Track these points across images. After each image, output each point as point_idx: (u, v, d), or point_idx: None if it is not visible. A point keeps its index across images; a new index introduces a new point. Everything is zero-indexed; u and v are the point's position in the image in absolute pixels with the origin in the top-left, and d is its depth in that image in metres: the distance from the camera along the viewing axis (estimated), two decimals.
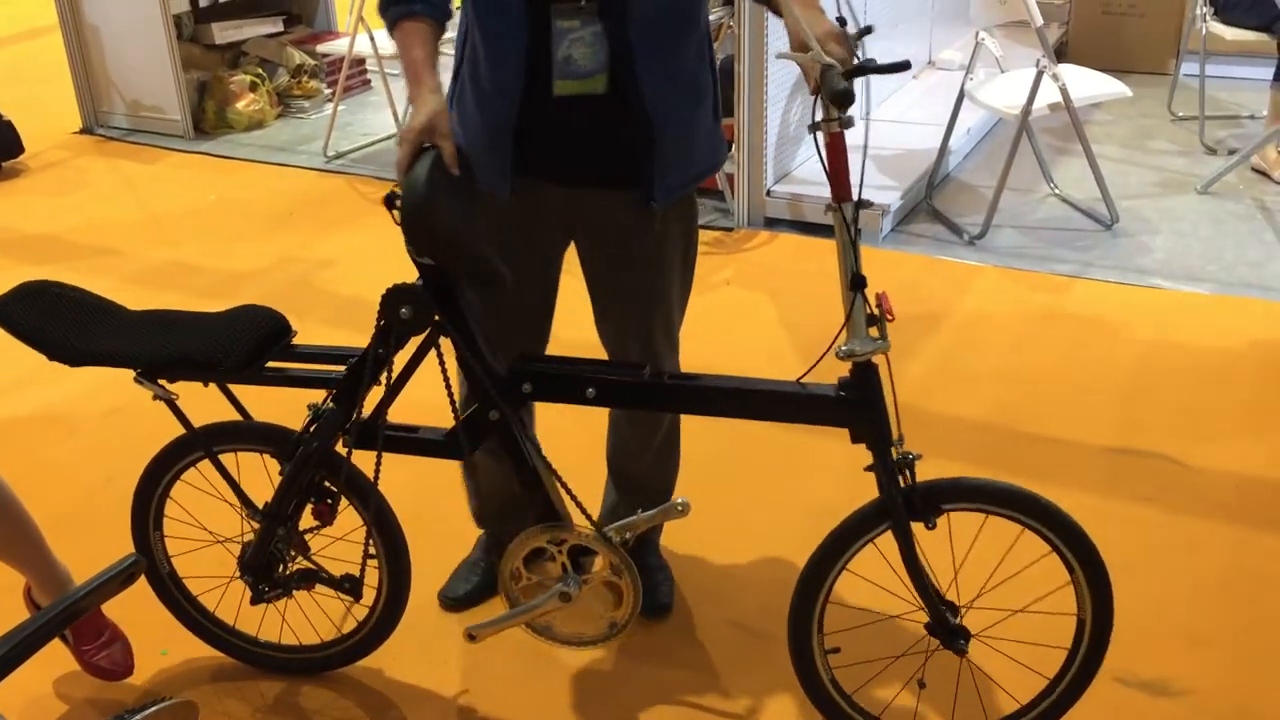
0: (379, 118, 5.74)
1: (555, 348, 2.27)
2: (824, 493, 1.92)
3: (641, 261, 2.16)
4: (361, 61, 6.01)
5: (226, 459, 2.17)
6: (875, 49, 5.09)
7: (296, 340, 2.09)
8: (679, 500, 1.98)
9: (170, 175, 5.19)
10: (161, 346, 2.01)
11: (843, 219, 1.83)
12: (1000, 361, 3.43)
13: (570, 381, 1.95)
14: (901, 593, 2.04)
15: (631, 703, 2.26)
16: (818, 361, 1.90)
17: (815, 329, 3.61)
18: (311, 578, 2.20)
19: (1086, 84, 4.30)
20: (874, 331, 1.85)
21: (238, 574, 2.20)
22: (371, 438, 2.04)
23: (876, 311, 1.84)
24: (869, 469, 1.92)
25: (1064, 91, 4.13)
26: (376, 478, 2.07)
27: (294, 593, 2.22)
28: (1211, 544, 2.64)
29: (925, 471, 1.91)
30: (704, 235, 4.34)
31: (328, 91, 6.00)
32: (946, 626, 1.97)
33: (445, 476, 2.52)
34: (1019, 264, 4.05)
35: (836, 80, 1.72)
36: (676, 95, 2.02)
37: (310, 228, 4.53)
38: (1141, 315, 3.67)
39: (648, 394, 1.96)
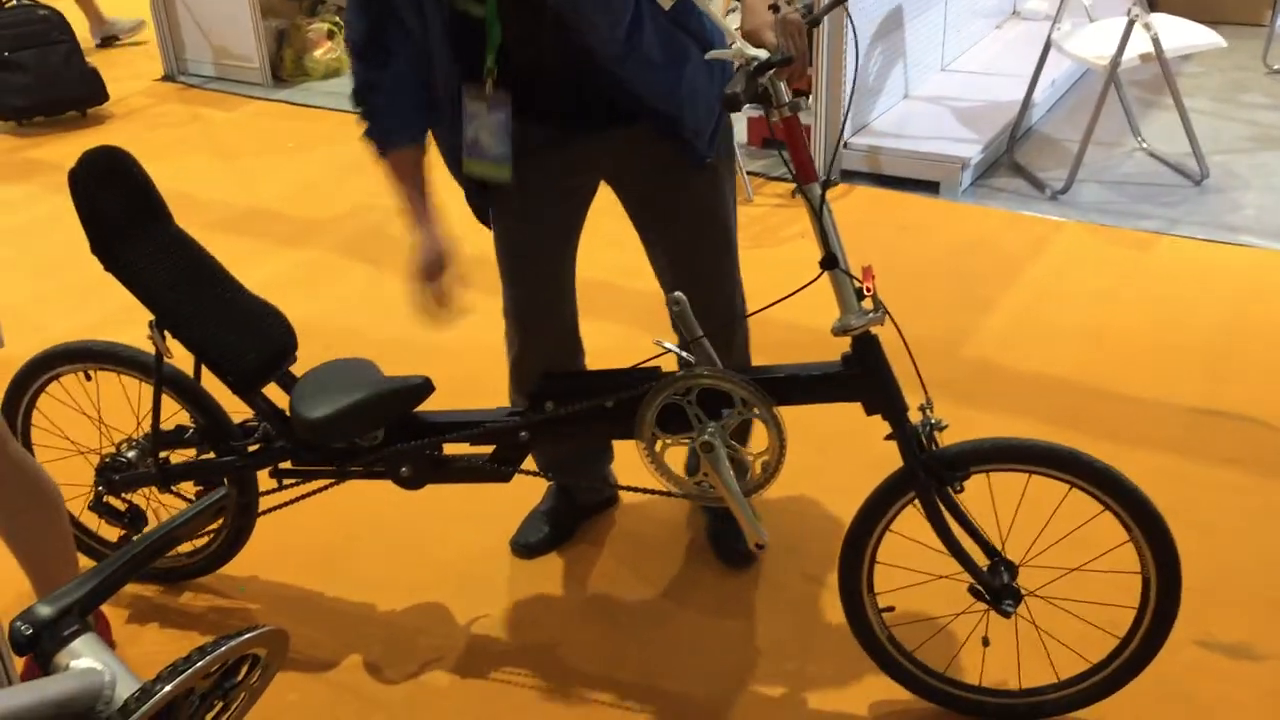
0: None
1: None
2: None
3: (697, 204, 2.12)
4: None
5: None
6: (959, 1, 4.97)
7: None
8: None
9: (249, 123, 5.25)
10: (189, 316, 2.11)
11: (809, 201, 1.83)
12: (1082, 318, 3.36)
13: (589, 393, 1.99)
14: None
15: (710, 653, 2.27)
16: (763, 308, 1.93)
17: (889, 284, 3.57)
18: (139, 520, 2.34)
19: (1179, 34, 4.17)
20: (868, 304, 1.85)
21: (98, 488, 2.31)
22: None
23: (859, 285, 1.84)
24: (889, 438, 1.91)
25: (1156, 41, 4.00)
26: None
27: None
28: None
29: (1003, 428, 1.88)
30: (778, 188, 4.30)
31: None
32: (991, 588, 1.95)
33: None
34: (1103, 220, 3.95)
35: (732, 82, 1.70)
36: (662, 75, 1.97)
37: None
38: (1230, 273, 3.57)
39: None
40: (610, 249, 2.35)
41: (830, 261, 1.85)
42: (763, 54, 1.74)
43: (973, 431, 1.96)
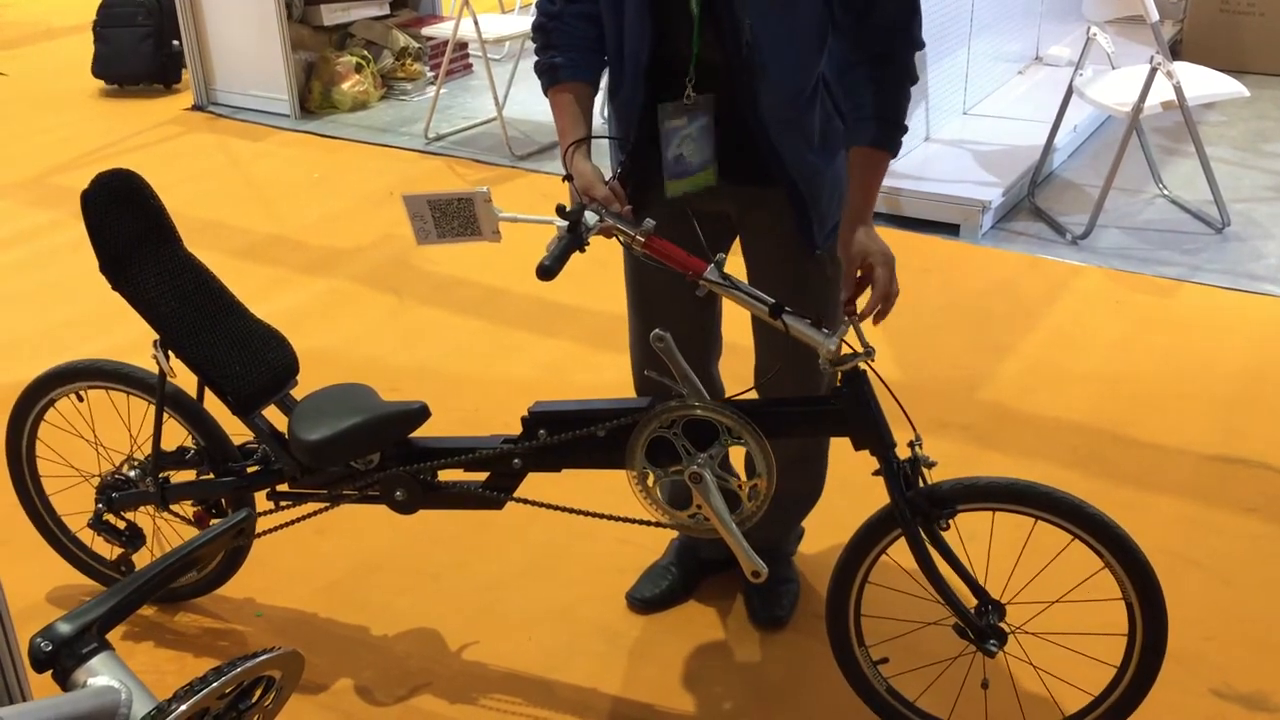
0: (479, 101, 5.80)
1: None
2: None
3: (802, 285, 2.10)
4: (464, 45, 6.08)
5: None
6: (981, 45, 5.00)
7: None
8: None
9: (276, 153, 5.30)
10: (192, 336, 2.14)
11: (713, 282, 1.88)
12: (1101, 364, 3.35)
13: (582, 422, 2.00)
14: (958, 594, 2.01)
15: (711, 688, 2.26)
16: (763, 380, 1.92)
17: (909, 325, 3.57)
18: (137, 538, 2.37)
19: (1202, 83, 4.18)
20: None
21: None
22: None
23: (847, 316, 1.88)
24: (876, 474, 1.92)
25: (1178, 90, 4.02)
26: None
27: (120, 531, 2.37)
28: None
29: (1020, 471, 1.88)
30: None
31: (430, 74, 6.08)
32: (975, 628, 1.94)
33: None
34: (1123, 265, 3.95)
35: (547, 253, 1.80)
36: (814, 156, 2.00)
37: None
38: (1250, 322, 3.57)
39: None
40: (623, 283, 2.37)
41: (779, 309, 1.87)
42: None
43: (991, 474, 1.95)
